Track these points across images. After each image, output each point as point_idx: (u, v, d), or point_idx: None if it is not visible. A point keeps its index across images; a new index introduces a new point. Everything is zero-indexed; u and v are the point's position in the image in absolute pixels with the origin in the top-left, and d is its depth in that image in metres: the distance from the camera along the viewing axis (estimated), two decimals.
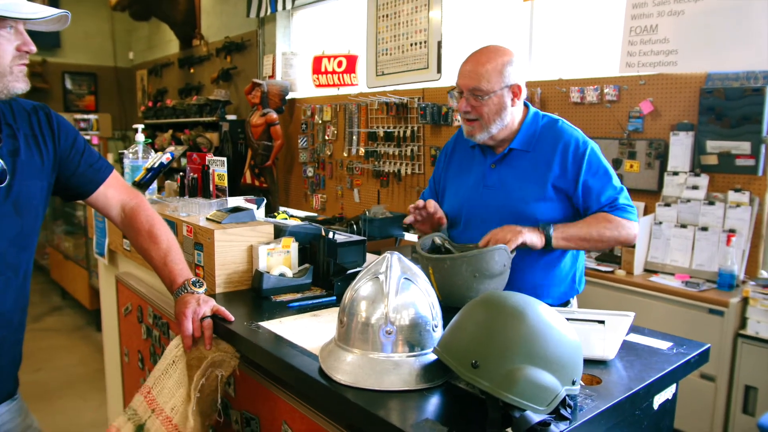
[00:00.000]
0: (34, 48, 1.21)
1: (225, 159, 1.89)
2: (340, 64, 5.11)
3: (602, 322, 1.19)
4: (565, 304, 1.82)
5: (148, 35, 8.41)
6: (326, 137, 5.41)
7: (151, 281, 2.02)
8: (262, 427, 1.36)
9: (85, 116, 7.21)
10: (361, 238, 1.85)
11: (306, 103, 5.59)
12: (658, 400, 1.21)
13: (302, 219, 2.44)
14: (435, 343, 1.08)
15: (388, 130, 4.68)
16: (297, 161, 5.76)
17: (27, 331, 1.40)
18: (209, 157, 1.94)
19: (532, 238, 1.62)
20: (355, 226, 4.15)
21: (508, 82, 1.67)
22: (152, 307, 1.96)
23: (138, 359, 2.12)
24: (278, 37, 5.94)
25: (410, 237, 4.33)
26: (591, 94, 3.32)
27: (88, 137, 5.99)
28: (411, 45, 4.49)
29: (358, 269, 1.69)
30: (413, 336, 1.08)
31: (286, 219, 2.03)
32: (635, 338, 1.36)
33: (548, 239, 1.63)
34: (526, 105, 1.81)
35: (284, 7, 5.48)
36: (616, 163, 3.21)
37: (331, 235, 1.72)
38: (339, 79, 5.11)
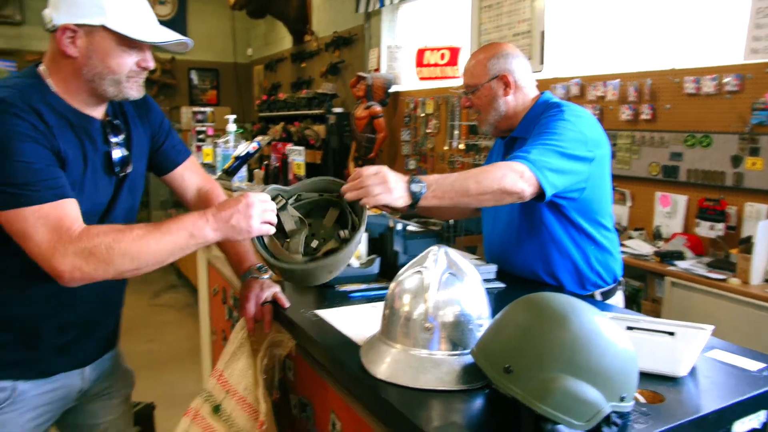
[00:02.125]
0: (151, 65, 1.30)
1: (303, 149, 1.93)
2: (442, 56, 5.06)
3: (672, 333, 1.08)
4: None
5: (265, 32, 8.80)
6: (428, 130, 5.39)
7: None
8: (315, 413, 1.37)
9: (202, 109, 7.69)
10: (434, 230, 1.81)
11: (409, 96, 5.60)
12: (741, 428, 1.07)
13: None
14: None
15: None
16: (400, 154, 5.79)
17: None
18: (288, 146, 1.99)
19: (392, 198, 1.35)
20: (451, 220, 4.10)
21: (493, 74, 1.71)
22: (233, 290, 2.04)
23: (222, 338, 2.22)
24: (383, 31, 5.98)
25: None
26: (708, 85, 3.02)
27: (203, 128, 6.38)
28: (514, 35, 4.34)
29: None
30: (455, 334, 1.04)
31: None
32: (721, 355, 1.21)
33: (415, 198, 1.37)
34: (542, 94, 1.79)
35: (391, 1, 5.51)
36: (736, 161, 2.91)
37: (399, 226, 1.69)
38: (442, 71, 5.06)
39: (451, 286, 1.06)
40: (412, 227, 1.79)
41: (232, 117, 2.34)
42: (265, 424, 1.32)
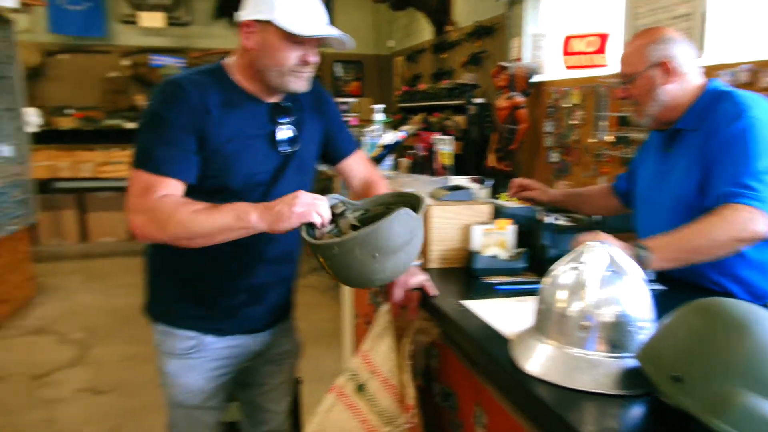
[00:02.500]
0: (313, 60, 1.41)
1: (451, 138, 1.93)
2: (590, 44, 4.81)
3: None
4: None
5: (406, 24, 8.91)
6: (573, 121, 5.15)
7: None
8: (459, 403, 1.37)
9: (346, 99, 7.99)
10: (584, 224, 1.73)
11: (553, 86, 5.39)
12: None
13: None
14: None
15: None
16: (542, 145, 5.60)
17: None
18: (435, 136, 2.00)
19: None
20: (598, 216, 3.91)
21: (653, 61, 1.60)
22: None
23: (365, 322, 2.30)
24: (527, 19, 5.80)
25: None
26: None
27: (348, 119, 6.63)
28: (672, 18, 4.01)
29: None
30: (614, 335, 0.99)
31: (507, 201, 1.99)
32: None
33: (643, 265, 1.26)
34: (709, 81, 1.62)
35: None
36: None
37: (549, 219, 1.64)
38: (589, 59, 4.81)
39: (612, 284, 1.01)
40: (561, 221, 1.73)
41: (380, 107, 2.39)
42: (413, 408, 1.34)
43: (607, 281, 1.01)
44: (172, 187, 1.34)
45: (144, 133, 1.37)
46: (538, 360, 1.03)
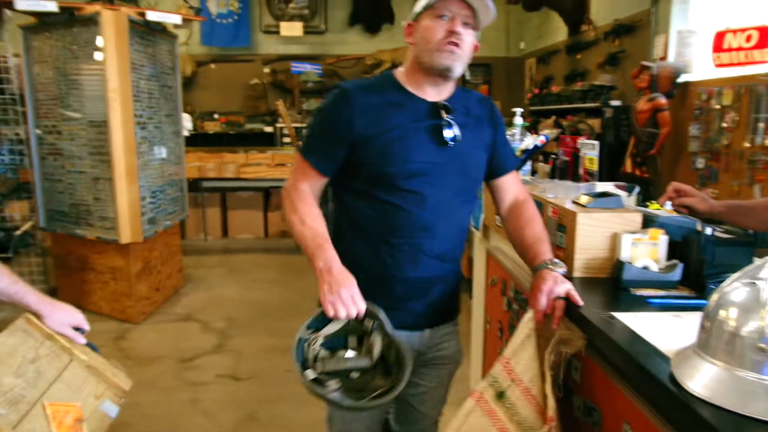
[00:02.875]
0: (457, 28, 1.47)
1: (597, 143, 1.85)
2: (749, 38, 4.40)
3: None
4: None
5: (538, 25, 8.68)
6: (723, 124, 4.74)
7: (516, 258, 2.13)
8: (603, 420, 1.31)
9: None
10: (749, 239, 1.59)
11: (701, 86, 4.99)
12: None
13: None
14: None
15: None
16: (686, 151, 5.22)
17: None
18: (581, 140, 1.93)
19: None
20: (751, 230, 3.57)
21: None
22: (514, 282, 2.07)
23: (498, 328, 2.28)
24: (674, 15, 5.42)
25: None
26: None
27: None
28: None
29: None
30: None
31: (659, 210, 1.88)
32: None
33: None
34: None
35: None
36: None
37: (709, 230, 1.52)
38: (746, 56, 4.41)
39: None
40: (719, 233, 1.59)
41: (519, 110, 2.35)
42: (554, 420, 1.31)
43: None
44: (313, 176, 1.58)
45: (309, 125, 1.63)
46: (703, 380, 0.96)
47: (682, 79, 5.17)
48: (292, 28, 8.77)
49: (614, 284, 1.56)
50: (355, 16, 9.28)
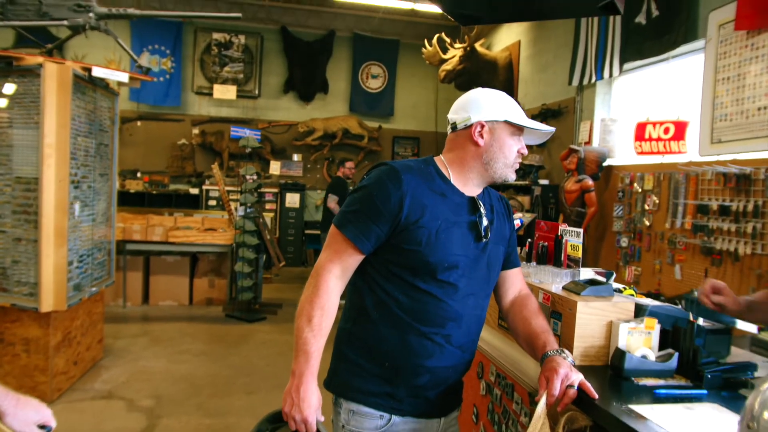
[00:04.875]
0: (526, 152, 1.64)
1: (581, 231, 1.92)
2: (666, 130, 4.83)
3: None
4: None
5: None
6: (645, 206, 5.11)
7: (494, 342, 2.13)
8: None
9: None
10: (727, 326, 1.68)
11: (624, 171, 5.39)
12: None
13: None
14: None
15: (725, 204, 4.21)
16: (610, 230, 5.55)
17: None
18: (563, 227, 2.00)
19: None
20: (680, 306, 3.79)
21: None
22: (495, 366, 2.06)
23: (473, 413, 2.24)
24: (597, 103, 5.89)
25: (743, 326, 3.77)
26: None
27: None
28: (758, 110, 4.01)
29: (735, 363, 1.54)
30: None
31: (633, 295, 1.96)
32: None
33: None
34: None
35: (611, 75, 5.43)
36: None
37: (701, 321, 1.60)
38: (665, 146, 4.82)
39: None
40: (708, 323, 1.68)
41: None
42: None
43: None
44: (350, 252, 1.54)
45: (353, 202, 1.57)
46: None
47: (606, 163, 5.56)
48: (225, 91, 8.73)
49: (615, 373, 1.59)
50: (289, 84, 9.39)
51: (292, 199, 9.23)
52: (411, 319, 1.53)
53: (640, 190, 5.17)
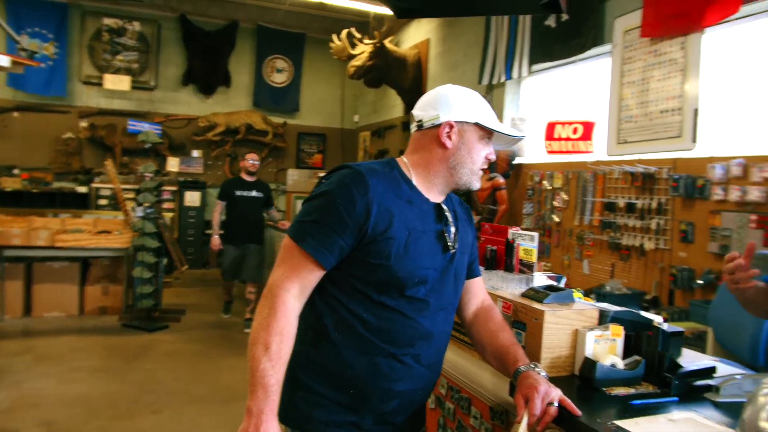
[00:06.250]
0: (494, 158, 1.53)
1: (536, 234, 1.86)
2: (575, 130, 5.00)
3: None
4: None
5: (374, 100, 9.07)
6: (554, 204, 5.27)
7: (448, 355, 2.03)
8: None
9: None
10: (680, 329, 1.67)
11: (534, 169, 5.53)
12: None
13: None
14: None
15: (631, 201, 4.41)
16: (521, 227, 5.67)
17: None
18: (514, 230, 1.94)
19: None
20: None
21: None
22: (446, 378, 1.96)
23: None
24: (506, 103, 6.01)
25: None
26: None
27: None
28: (660, 112, 4.23)
29: (699, 366, 1.54)
30: None
31: (581, 298, 1.93)
32: None
33: None
34: None
35: (520, 75, 5.55)
36: None
37: (665, 326, 1.58)
38: (573, 146, 4.99)
39: None
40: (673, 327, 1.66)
41: None
42: None
43: None
44: (310, 268, 1.36)
45: (311, 210, 1.39)
46: None
47: (516, 161, 5.68)
48: (118, 82, 8.07)
49: (584, 383, 1.53)
50: (189, 76, 8.87)
51: (192, 198, 8.73)
52: (378, 339, 1.38)
53: (549, 187, 5.32)
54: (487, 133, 1.47)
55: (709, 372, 1.56)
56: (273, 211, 6.30)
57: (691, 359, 1.66)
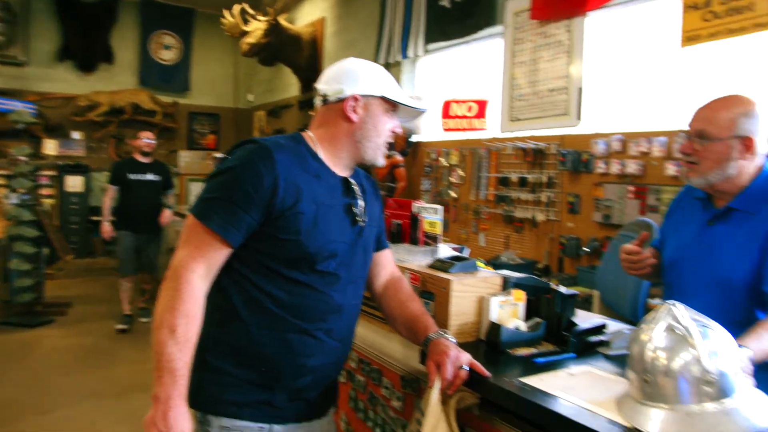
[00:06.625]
0: (400, 131, 1.55)
1: (440, 207, 1.91)
2: (470, 109, 5.15)
3: None
4: None
5: (269, 78, 8.84)
6: (451, 180, 5.43)
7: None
8: None
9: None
10: (575, 292, 1.79)
11: (431, 147, 5.66)
12: None
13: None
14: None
15: (523, 176, 4.63)
16: None
17: None
18: (419, 204, 1.97)
19: None
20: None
21: (738, 133, 1.56)
22: (356, 351, 1.98)
23: None
24: (403, 82, 6.07)
25: None
26: None
27: None
28: (549, 91, 4.45)
29: (592, 324, 1.65)
30: (727, 384, 1.07)
31: (484, 268, 2.01)
32: None
33: None
34: (765, 163, 1.64)
35: (416, 54, 5.62)
36: None
37: (563, 289, 1.68)
38: (469, 123, 5.15)
39: (709, 337, 1.09)
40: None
41: None
42: None
43: (705, 334, 1.09)
44: (216, 247, 1.32)
45: (216, 187, 1.35)
46: (666, 428, 1.04)
47: (414, 139, 5.78)
48: None
49: (491, 347, 1.60)
50: (66, 51, 8.18)
51: (75, 183, 8.13)
52: (289, 315, 1.37)
53: (446, 164, 5.47)
54: (393, 106, 1.48)
55: (600, 329, 1.68)
56: (170, 196, 5.73)
57: (584, 319, 1.78)
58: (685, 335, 1.08)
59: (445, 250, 1.96)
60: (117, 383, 4.09)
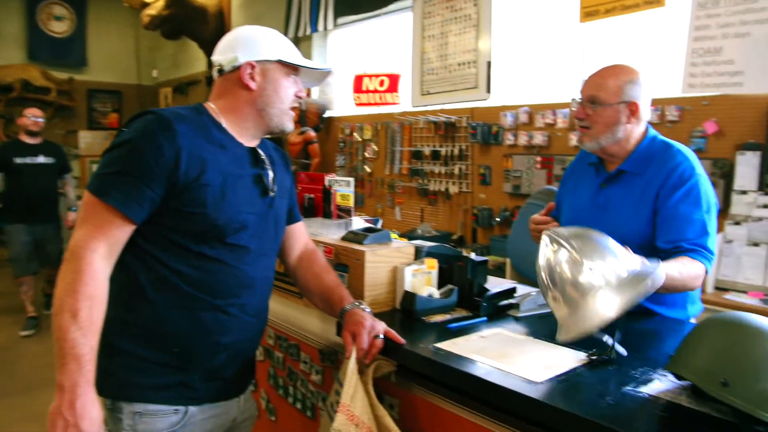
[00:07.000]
0: (305, 94, 1.51)
1: (352, 180, 1.90)
2: (381, 83, 5.14)
3: None
4: None
5: (174, 53, 8.44)
6: (366, 155, 5.43)
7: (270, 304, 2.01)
8: None
9: None
10: (485, 258, 1.85)
11: (344, 122, 5.62)
12: None
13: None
14: None
15: (435, 149, 4.71)
16: None
17: None
18: (330, 177, 1.96)
19: None
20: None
21: (625, 99, 1.70)
22: (273, 329, 1.95)
23: None
24: (314, 56, 5.98)
25: None
26: (652, 115, 3.35)
27: None
28: (459, 65, 4.53)
29: (502, 288, 1.71)
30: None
31: (397, 239, 2.03)
32: None
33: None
34: (648, 128, 1.80)
35: (326, 27, 5.53)
36: None
37: (473, 255, 1.72)
38: (381, 98, 5.14)
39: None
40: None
41: None
42: None
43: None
44: (117, 224, 1.25)
45: (113, 160, 1.27)
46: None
47: (327, 114, 5.72)
48: None
49: (406, 315, 1.62)
50: None
51: None
52: (200, 292, 1.32)
53: (360, 139, 5.46)
54: (293, 69, 1.45)
55: (510, 292, 1.75)
56: (68, 180, 5.15)
57: (495, 284, 1.84)
58: (577, 250, 1.27)
59: (358, 222, 1.96)
60: (20, 380, 3.86)
